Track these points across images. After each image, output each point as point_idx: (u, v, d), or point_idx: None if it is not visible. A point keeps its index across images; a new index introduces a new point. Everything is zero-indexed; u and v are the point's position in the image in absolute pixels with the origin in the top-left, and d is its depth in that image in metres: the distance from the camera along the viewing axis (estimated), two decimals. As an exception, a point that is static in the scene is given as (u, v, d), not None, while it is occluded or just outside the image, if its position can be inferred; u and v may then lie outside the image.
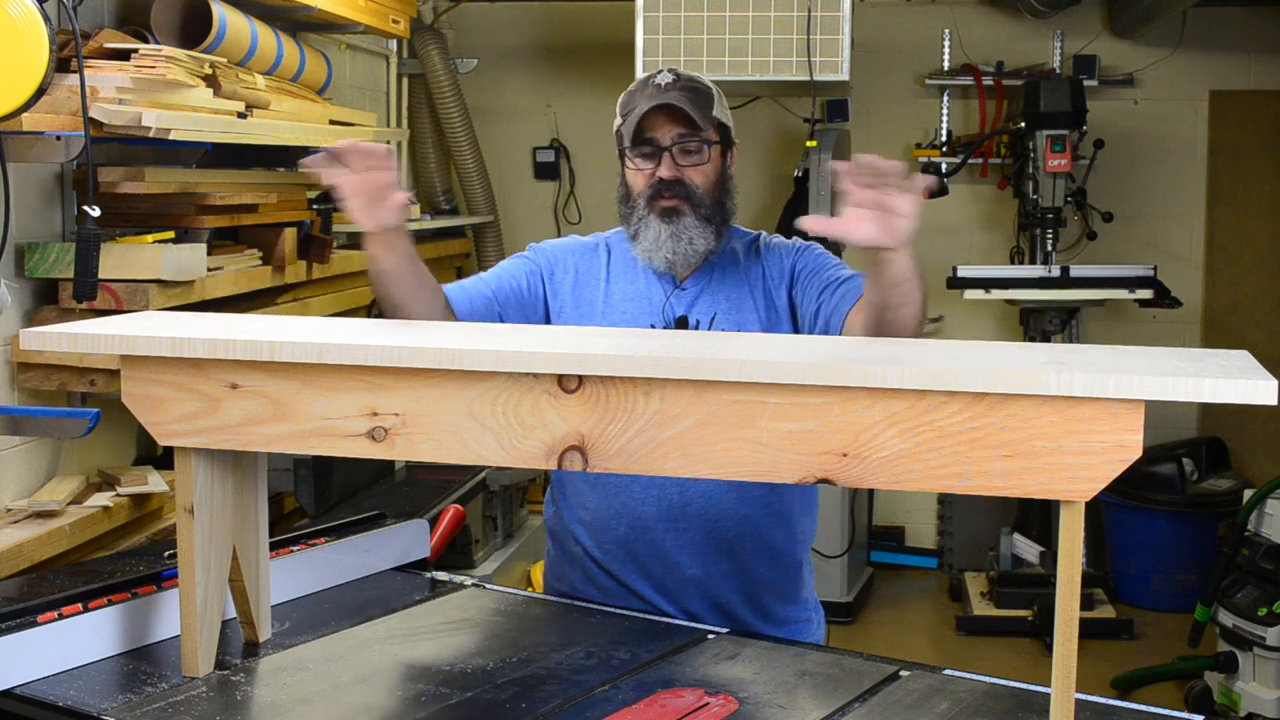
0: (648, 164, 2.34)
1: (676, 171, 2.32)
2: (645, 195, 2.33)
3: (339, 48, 4.99)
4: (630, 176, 2.37)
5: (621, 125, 2.36)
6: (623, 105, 2.38)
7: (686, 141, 2.32)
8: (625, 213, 2.39)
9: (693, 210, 2.32)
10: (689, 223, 2.32)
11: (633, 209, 2.36)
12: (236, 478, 1.98)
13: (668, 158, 2.32)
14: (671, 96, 2.30)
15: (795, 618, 2.46)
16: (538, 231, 6.34)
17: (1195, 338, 6.08)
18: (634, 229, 2.36)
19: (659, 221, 2.32)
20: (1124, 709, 1.88)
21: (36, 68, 2.60)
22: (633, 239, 2.37)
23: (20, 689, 1.86)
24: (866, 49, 5.67)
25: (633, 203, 2.36)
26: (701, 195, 2.33)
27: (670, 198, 2.32)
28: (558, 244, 2.51)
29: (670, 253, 2.33)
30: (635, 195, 2.35)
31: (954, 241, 6.12)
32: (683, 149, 2.32)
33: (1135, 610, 5.54)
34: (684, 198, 2.32)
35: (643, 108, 2.31)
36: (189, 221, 3.35)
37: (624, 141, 2.35)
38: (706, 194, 2.33)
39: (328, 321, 2.05)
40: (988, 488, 1.63)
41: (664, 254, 2.33)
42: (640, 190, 2.34)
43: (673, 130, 2.31)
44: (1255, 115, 5.93)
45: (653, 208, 2.33)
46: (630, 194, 2.37)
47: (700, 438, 1.71)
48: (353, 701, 1.86)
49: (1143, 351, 1.73)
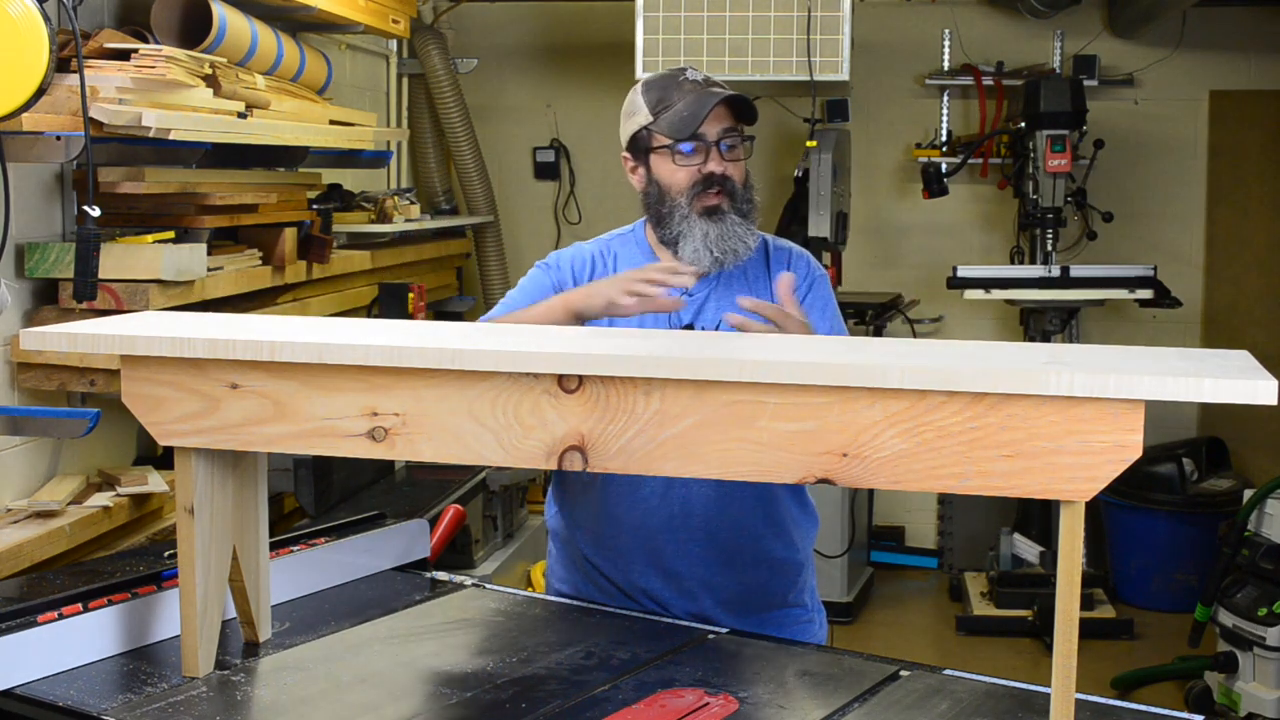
0: (694, 160, 2.29)
1: (723, 166, 2.30)
2: (688, 193, 2.29)
3: (339, 48, 5.00)
4: (668, 174, 2.31)
5: (652, 123, 2.30)
6: (654, 102, 2.31)
7: (732, 136, 2.30)
8: (662, 213, 2.32)
9: (734, 207, 2.30)
10: (733, 220, 2.30)
11: (673, 209, 2.31)
12: (236, 478, 1.98)
13: (716, 152, 2.29)
14: (724, 91, 2.28)
15: (797, 619, 2.45)
16: (538, 231, 6.35)
17: (1195, 338, 6.08)
18: (676, 230, 2.31)
19: (705, 221, 2.28)
20: (1124, 709, 1.88)
21: (36, 68, 2.60)
22: (674, 241, 2.31)
23: (20, 689, 1.86)
24: (866, 49, 5.67)
25: (672, 202, 2.31)
26: (740, 191, 2.32)
27: (716, 194, 2.29)
28: (566, 256, 2.45)
29: (720, 252, 2.29)
30: (674, 193, 2.30)
31: (954, 241, 6.12)
32: (729, 144, 2.30)
33: (1135, 610, 5.53)
34: (728, 194, 2.30)
35: (703, 102, 2.26)
36: (189, 221, 3.35)
37: (660, 139, 2.30)
38: (743, 190, 2.32)
39: (328, 321, 2.05)
40: (988, 488, 1.63)
41: (714, 254, 2.29)
42: (681, 188, 2.30)
43: (719, 125, 2.29)
44: (1255, 115, 5.93)
45: (695, 206, 2.29)
46: (665, 192, 2.32)
47: (700, 438, 1.71)
48: (353, 701, 1.86)
49: (1143, 351, 1.73)
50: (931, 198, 5.65)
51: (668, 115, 2.29)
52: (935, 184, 5.59)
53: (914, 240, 6.21)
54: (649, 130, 2.32)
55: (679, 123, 2.27)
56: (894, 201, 6.23)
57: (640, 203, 2.40)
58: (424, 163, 5.97)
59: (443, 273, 5.63)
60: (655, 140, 2.32)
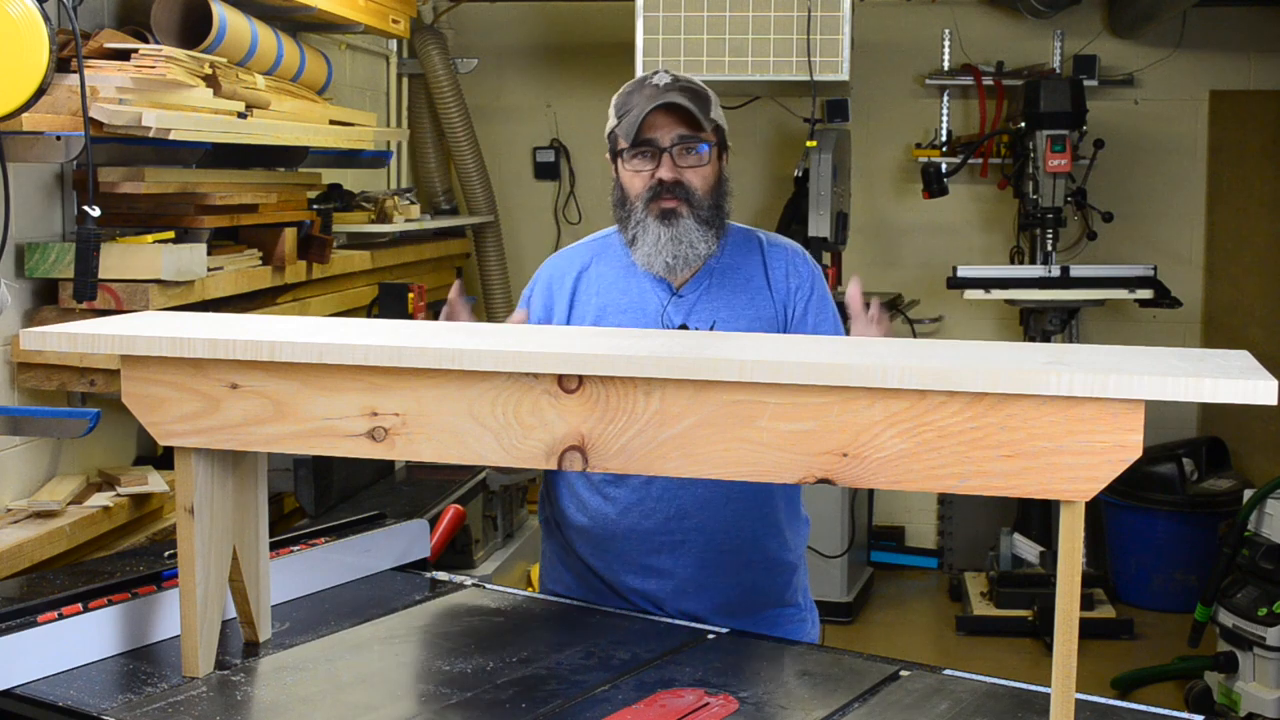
0: (646, 165, 2.31)
1: (676, 173, 2.30)
2: (644, 197, 2.31)
3: (339, 48, 5.00)
4: (627, 179, 2.34)
5: (617, 126, 2.33)
6: (618, 106, 2.35)
7: (686, 142, 2.30)
8: (622, 216, 2.36)
9: (692, 213, 2.30)
10: (688, 225, 2.30)
11: (630, 212, 2.33)
12: (236, 478, 1.98)
13: (667, 159, 2.30)
14: (673, 96, 2.28)
15: (790, 619, 2.46)
16: (538, 231, 6.35)
17: (1195, 338, 6.07)
18: (632, 233, 2.33)
19: (658, 224, 2.30)
20: (1124, 709, 1.88)
21: (36, 68, 2.60)
22: (630, 243, 2.35)
23: (20, 689, 1.86)
24: (866, 49, 5.67)
25: (630, 206, 2.33)
26: (701, 198, 2.31)
27: (670, 199, 2.29)
28: (554, 262, 2.47)
29: (670, 256, 2.30)
30: (632, 198, 2.32)
31: (954, 241, 6.12)
32: (682, 150, 2.30)
33: (1135, 610, 5.53)
34: (683, 199, 2.30)
35: (644, 107, 2.28)
36: (189, 221, 3.34)
37: (621, 142, 2.32)
38: (705, 196, 2.32)
39: (328, 321, 2.05)
40: (988, 488, 1.63)
41: (664, 257, 2.31)
42: (638, 192, 2.32)
43: (673, 131, 2.30)
44: (1255, 115, 5.92)
45: (650, 210, 2.30)
46: (626, 197, 2.34)
47: (700, 437, 1.71)
48: (353, 701, 1.86)
49: (1143, 351, 1.73)
50: (931, 198, 5.65)
51: (625, 120, 2.31)
52: (935, 184, 5.59)
53: (914, 240, 6.21)
54: (614, 134, 2.35)
55: (627, 128, 2.30)
56: (894, 201, 6.23)
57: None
58: (424, 163, 5.97)
59: (443, 273, 5.63)
60: (618, 144, 2.34)
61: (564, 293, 2.40)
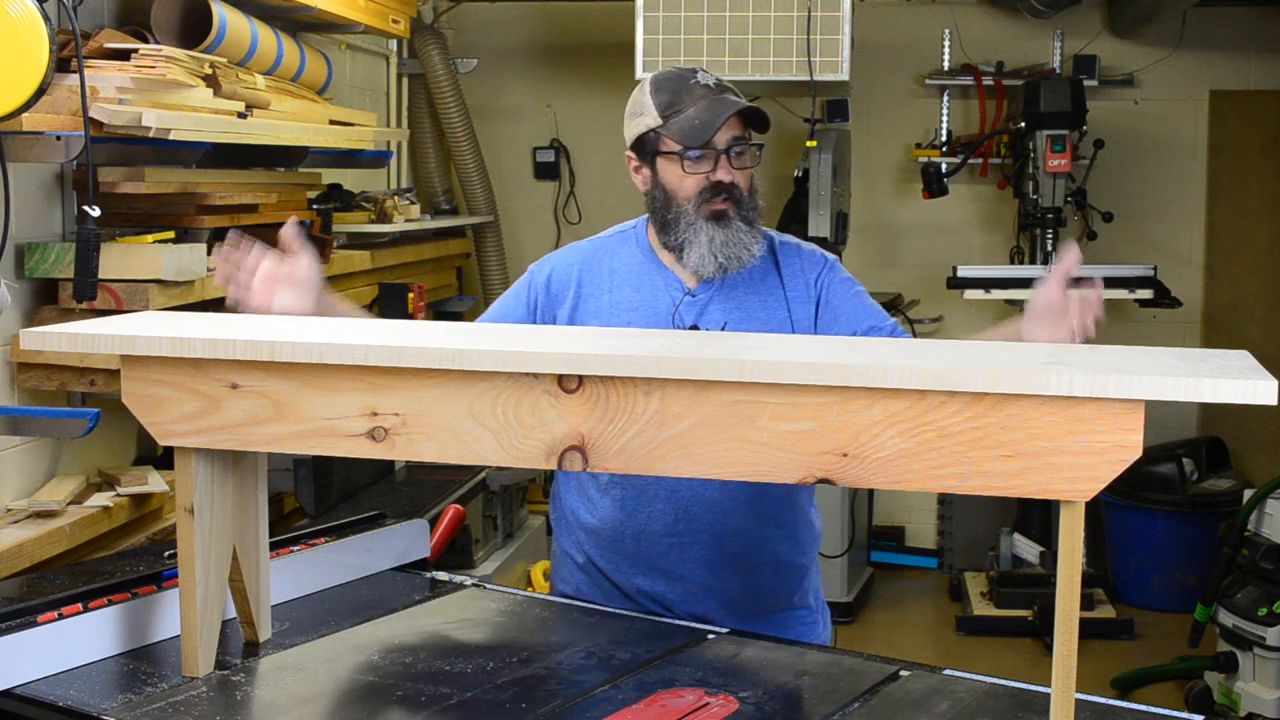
0: (703, 167, 2.27)
1: (732, 175, 2.29)
2: (695, 199, 2.28)
3: (339, 48, 5.00)
4: (675, 179, 2.29)
5: (661, 126, 2.27)
6: (662, 105, 2.28)
7: (740, 144, 2.29)
8: (667, 219, 2.31)
9: (739, 214, 2.29)
10: (739, 226, 2.29)
11: (679, 215, 2.29)
12: (236, 478, 1.98)
13: (725, 161, 2.28)
14: (739, 100, 2.27)
15: (801, 620, 2.45)
16: (538, 231, 6.35)
17: (1195, 338, 6.08)
18: (681, 236, 2.29)
19: (711, 226, 2.27)
20: (1124, 709, 1.88)
21: (36, 68, 2.60)
22: (679, 247, 2.30)
23: (20, 689, 1.86)
24: (866, 49, 5.67)
25: (678, 208, 2.29)
26: (746, 199, 2.30)
27: (721, 201, 2.28)
28: (558, 258, 2.44)
29: (725, 258, 2.28)
30: (681, 199, 2.29)
31: (954, 241, 6.12)
32: (738, 151, 2.29)
33: (1135, 610, 5.54)
34: (734, 201, 2.29)
35: (719, 111, 2.24)
36: (189, 221, 3.35)
37: (669, 144, 2.27)
38: (748, 197, 2.31)
39: (328, 321, 2.05)
40: (988, 488, 1.63)
41: (719, 259, 2.28)
42: (689, 194, 2.28)
43: (729, 133, 2.27)
44: (1255, 115, 5.93)
45: (702, 212, 2.27)
46: (671, 198, 2.30)
47: (700, 437, 1.71)
48: (353, 701, 1.86)
49: (1143, 351, 1.73)
50: (931, 198, 5.65)
51: (678, 120, 2.26)
52: (935, 184, 5.59)
53: (914, 240, 6.21)
54: (657, 133, 2.29)
55: (691, 130, 2.25)
56: (894, 201, 6.23)
57: (645, 203, 2.39)
58: (424, 163, 5.97)
59: (443, 273, 5.64)
60: (664, 144, 2.29)
61: (568, 290, 2.38)
